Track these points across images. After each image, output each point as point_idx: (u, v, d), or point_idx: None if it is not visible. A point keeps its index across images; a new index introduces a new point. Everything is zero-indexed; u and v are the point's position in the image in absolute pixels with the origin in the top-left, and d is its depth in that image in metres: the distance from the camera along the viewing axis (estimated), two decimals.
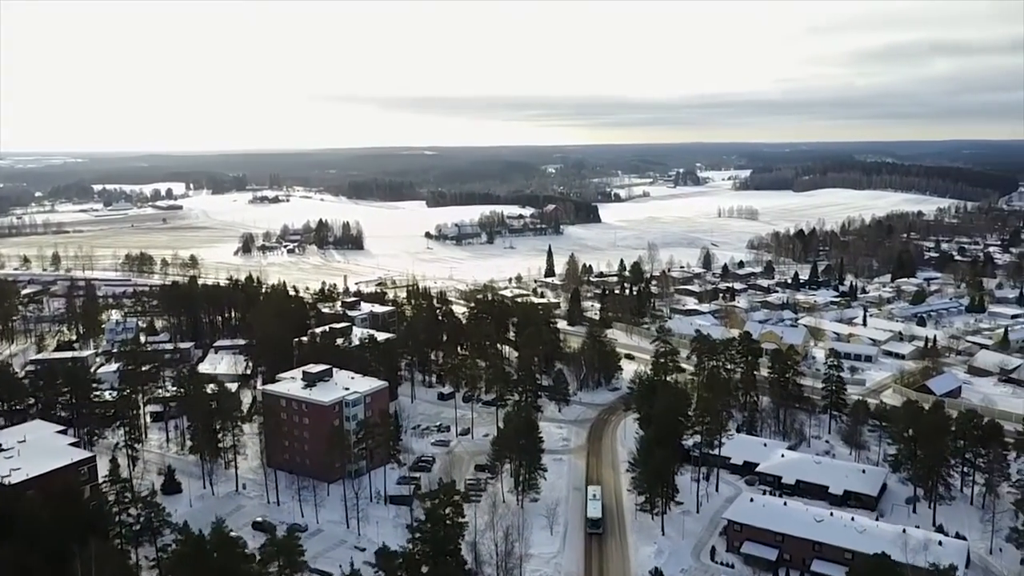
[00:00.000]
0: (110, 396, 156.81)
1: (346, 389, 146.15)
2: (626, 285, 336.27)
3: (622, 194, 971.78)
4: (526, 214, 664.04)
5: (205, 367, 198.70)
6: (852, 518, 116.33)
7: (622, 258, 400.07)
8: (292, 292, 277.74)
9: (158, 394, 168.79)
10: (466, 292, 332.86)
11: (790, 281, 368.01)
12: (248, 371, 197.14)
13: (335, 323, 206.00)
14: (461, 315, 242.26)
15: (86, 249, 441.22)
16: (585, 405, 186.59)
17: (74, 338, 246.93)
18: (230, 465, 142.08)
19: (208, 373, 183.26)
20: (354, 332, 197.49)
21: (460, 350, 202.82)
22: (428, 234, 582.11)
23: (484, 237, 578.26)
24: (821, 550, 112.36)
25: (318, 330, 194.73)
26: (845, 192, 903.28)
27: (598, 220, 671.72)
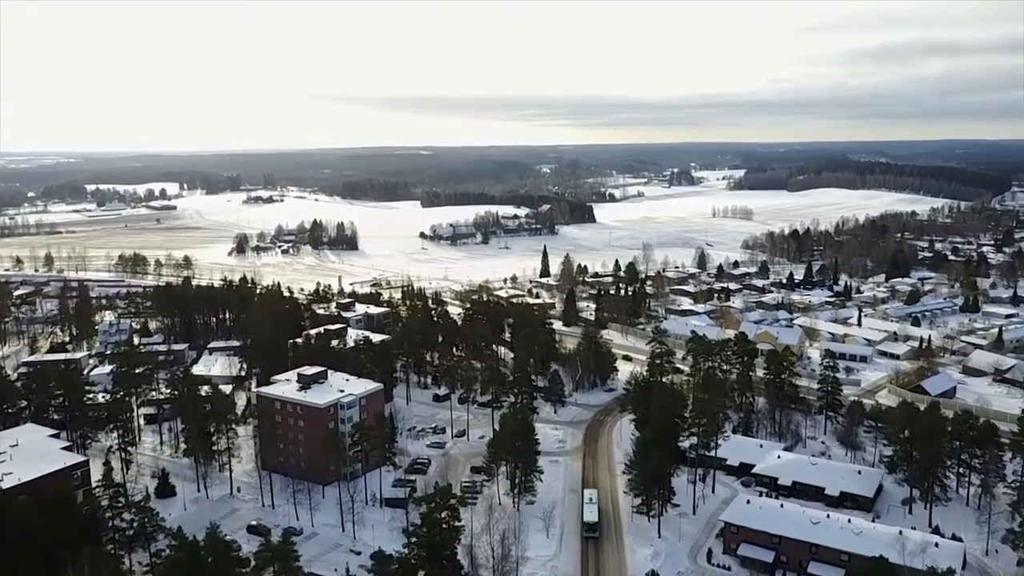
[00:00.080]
0: (103, 398, 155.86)
1: (341, 391, 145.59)
2: (621, 285, 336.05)
3: (617, 194, 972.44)
4: (521, 214, 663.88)
5: (199, 369, 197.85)
6: (849, 520, 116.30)
7: (617, 258, 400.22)
8: (287, 293, 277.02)
9: (152, 396, 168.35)
10: (461, 293, 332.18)
11: (785, 281, 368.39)
12: (242, 373, 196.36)
13: (330, 324, 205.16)
14: (456, 316, 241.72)
15: (79, 250, 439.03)
16: (581, 406, 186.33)
17: (67, 340, 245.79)
18: (224, 468, 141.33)
19: (202, 375, 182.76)
20: (349, 333, 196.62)
21: (455, 351, 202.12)
22: (423, 234, 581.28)
23: (479, 237, 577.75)
24: (818, 552, 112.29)
25: (313, 332, 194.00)
26: (839, 192, 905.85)
27: (593, 220, 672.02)
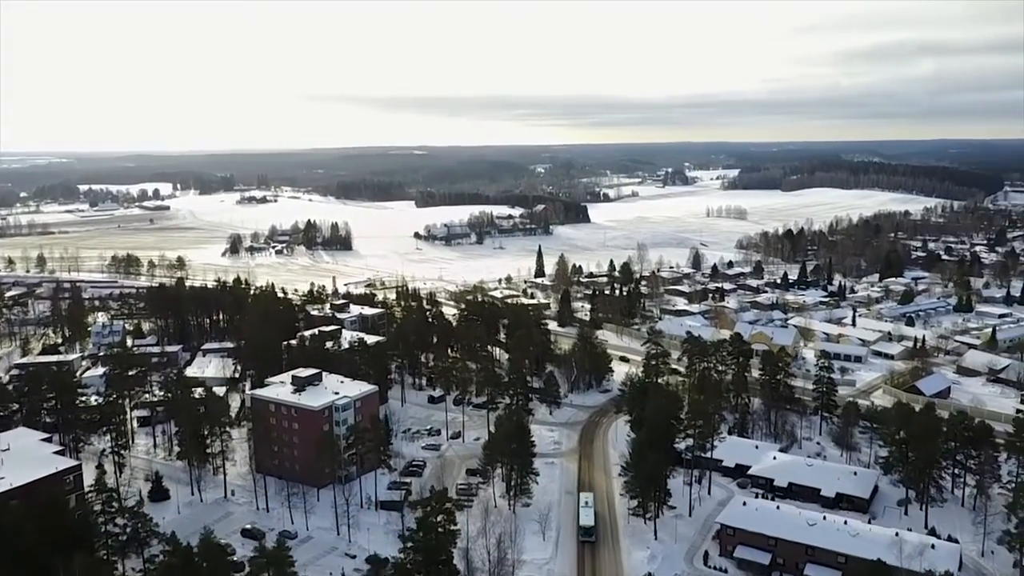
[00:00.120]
0: (96, 401, 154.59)
1: (336, 393, 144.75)
2: (616, 286, 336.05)
3: (611, 194, 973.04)
4: (515, 214, 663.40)
5: (193, 371, 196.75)
6: (845, 522, 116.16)
7: (612, 258, 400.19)
8: (280, 294, 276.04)
9: (145, 399, 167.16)
10: (456, 293, 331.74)
11: (779, 281, 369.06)
12: (236, 375, 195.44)
13: (324, 326, 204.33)
14: (451, 317, 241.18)
15: (72, 250, 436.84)
16: (576, 407, 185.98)
17: (60, 341, 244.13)
18: (218, 471, 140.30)
19: (196, 377, 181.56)
20: (343, 335, 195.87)
21: (450, 352, 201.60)
22: (417, 234, 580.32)
23: (473, 237, 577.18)
24: (814, 554, 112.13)
25: (307, 333, 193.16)
26: (833, 192, 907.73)
27: (587, 220, 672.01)
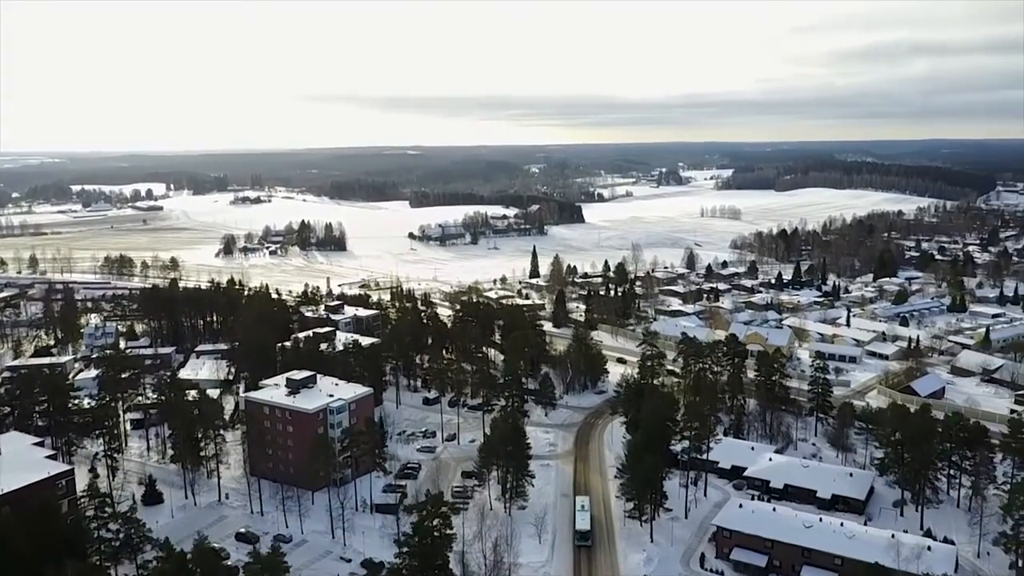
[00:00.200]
0: (89, 404, 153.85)
1: (330, 396, 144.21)
2: (611, 286, 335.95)
3: (605, 194, 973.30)
4: (510, 214, 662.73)
5: (186, 373, 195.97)
6: (841, 523, 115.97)
7: (606, 259, 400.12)
8: (275, 295, 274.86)
9: (138, 401, 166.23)
10: (451, 294, 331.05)
11: (773, 281, 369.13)
12: (230, 377, 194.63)
13: (318, 327, 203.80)
14: (446, 318, 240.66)
15: (64, 251, 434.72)
16: (572, 409, 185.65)
17: (52, 343, 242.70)
18: (212, 474, 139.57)
19: (189, 379, 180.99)
20: (338, 337, 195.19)
21: (445, 354, 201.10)
22: (411, 235, 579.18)
23: (468, 238, 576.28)
24: (811, 556, 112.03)
25: (301, 335, 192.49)
26: (826, 191, 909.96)
27: (582, 220, 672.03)
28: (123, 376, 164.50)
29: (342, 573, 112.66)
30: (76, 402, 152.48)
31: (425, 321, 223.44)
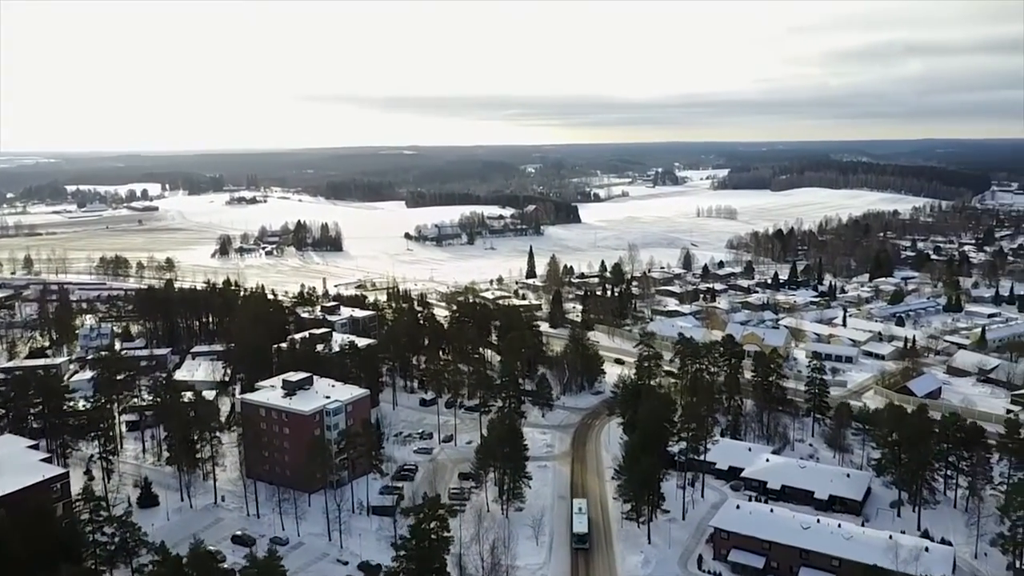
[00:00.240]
0: (84, 405, 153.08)
1: (327, 398, 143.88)
2: (607, 286, 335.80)
3: (601, 194, 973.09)
4: (506, 214, 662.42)
5: (182, 374, 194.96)
6: (839, 525, 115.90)
7: (603, 259, 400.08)
8: (271, 296, 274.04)
9: (134, 403, 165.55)
10: (447, 294, 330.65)
11: (770, 281, 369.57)
12: (226, 378, 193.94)
13: (315, 328, 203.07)
14: (443, 319, 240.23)
15: (59, 252, 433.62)
16: (568, 409, 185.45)
17: (47, 344, 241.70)
18: (208, 476, 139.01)
19: (185, 381, 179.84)
20: (334, 338, 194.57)
21: (442, 355, 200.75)
22: (408, 235, 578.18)
23: (464, 238, 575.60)
24: (808, 557, 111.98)
25: (297, 336, 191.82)
26: (822, 191, 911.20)
27: (578, 220, 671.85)
28: (118, 378, 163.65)
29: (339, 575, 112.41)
30: (71, 404, 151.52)
31: (421, 322, 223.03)
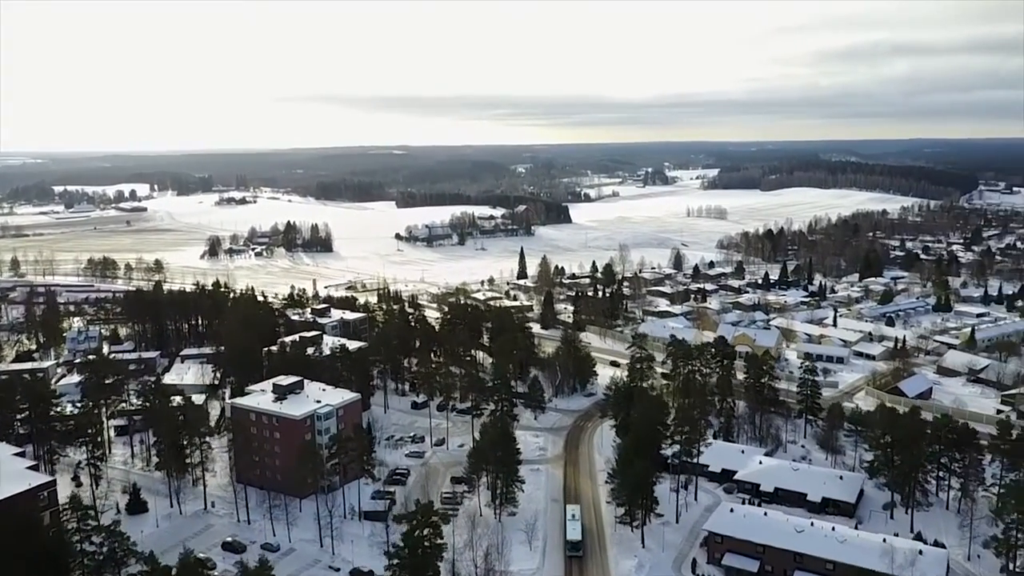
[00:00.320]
0: (71, 410, 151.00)
1: (318, 402, 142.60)
2: (599, 287, 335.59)
3: (592, 194, 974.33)
4: (497, 215, 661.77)
5: (171, 377, 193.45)
6: (833, 528, 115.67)
7: (594, 259, 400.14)
8: (260, 298, 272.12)
9: (122, 407, 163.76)
10: (438, 295, 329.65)
11: (760, 281, 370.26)
12: (216, 382, 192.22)
13: (305, 331, 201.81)
14: (434, 320, 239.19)
15: (46, 253, 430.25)
16: (561, 412, 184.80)
17: (34, 348, 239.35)
18: (198, 482, 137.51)
19: (174, 384, 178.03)
20: (325, 340, 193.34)
21: (433, 357, 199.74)
22: (398, 235, 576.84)
23: (455, 238, 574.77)
24: (802, 561, 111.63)
25: (288, 339, 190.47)
26: (811, 191, 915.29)
27: (569, 220, 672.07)
28: (106, 381, 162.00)
29: None
30: (58, 409, 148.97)
31: (413, 324, 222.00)
